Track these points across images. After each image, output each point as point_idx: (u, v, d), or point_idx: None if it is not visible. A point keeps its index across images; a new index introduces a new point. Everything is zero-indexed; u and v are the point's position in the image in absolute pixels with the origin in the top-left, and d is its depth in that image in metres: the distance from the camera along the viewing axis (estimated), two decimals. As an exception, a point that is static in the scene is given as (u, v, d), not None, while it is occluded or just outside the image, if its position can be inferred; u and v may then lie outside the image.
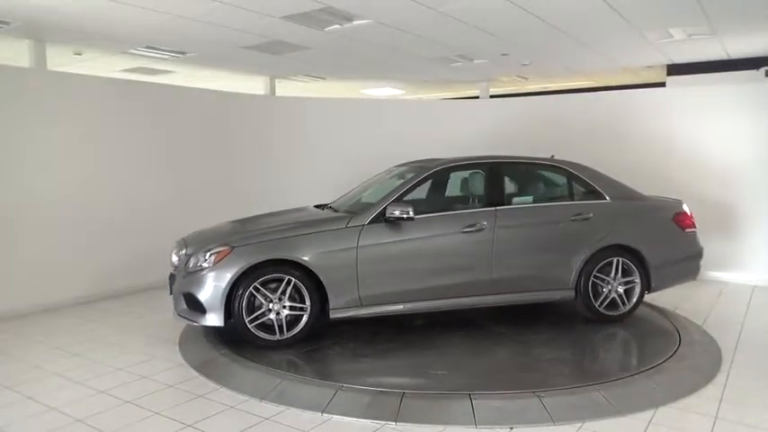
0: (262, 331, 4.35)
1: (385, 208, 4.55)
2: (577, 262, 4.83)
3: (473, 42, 7.01)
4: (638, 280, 4.96)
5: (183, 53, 7.55)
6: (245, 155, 7.98)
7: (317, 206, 5.38)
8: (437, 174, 5.06)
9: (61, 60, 7.69)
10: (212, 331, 4.81)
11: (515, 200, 5.10)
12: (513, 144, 6.92)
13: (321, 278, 4.38)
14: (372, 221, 4.55)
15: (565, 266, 4.84)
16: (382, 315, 4.61)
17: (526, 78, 10.22)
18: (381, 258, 4.52)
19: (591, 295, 4.87)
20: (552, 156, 5.46)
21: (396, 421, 3.32)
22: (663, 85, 9.43)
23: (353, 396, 3.58)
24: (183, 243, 4.81)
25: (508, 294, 4.81)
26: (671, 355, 4.16)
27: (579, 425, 3.27)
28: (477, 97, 10.79)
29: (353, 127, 8.58)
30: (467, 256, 4.71)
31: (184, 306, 4.49)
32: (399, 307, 4.59)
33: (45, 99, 5.92)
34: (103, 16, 5.65)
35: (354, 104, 9.26)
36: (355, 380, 3.80)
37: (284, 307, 4.37)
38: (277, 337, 4.37)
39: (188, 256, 4.55)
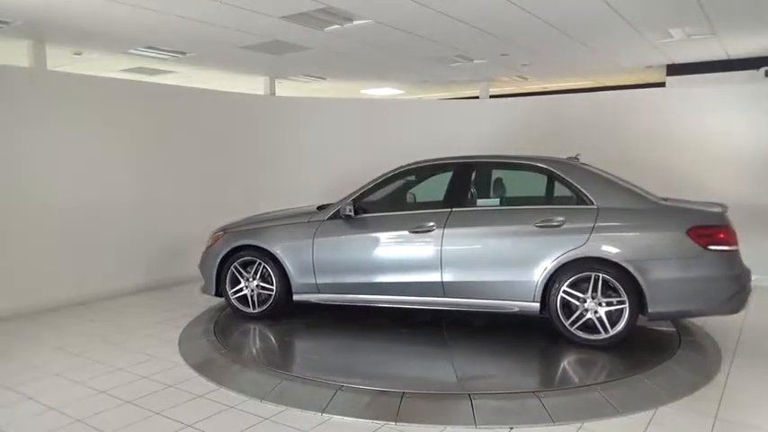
0: (240, 303, 5.23)
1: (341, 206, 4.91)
2: (541, 274, 4.30)
3: (473, 42, 7.02)
4: (626, 302, 4.16)
5: (183, 53, 7.55)
6: (245, 155, 7.97)
7: (320, 207, 5.42)
8: (403, 174, 5.06)
9: (61, 60, 7.69)
10: (212, 331, 4.89)
11: (480, 201, 4.88)
12: (515, 144, 6.91)
13: (284, 264, 5.00)
14: (331, 218, 4.95)
15: (524, 277, 4.36)
16: (339, 303, 5.01)
17: (526, 78, 10.22)
18: (334, 252, 4.90)
19: (560, 313, 4.30)
20: (578, 156, 5.10)
21: (396, 421, 3.31)
22: (663, 85, 9.43)
23: (353, 396, 3.58)
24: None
25: (459, 299, 4.59)
26: (671, 356, 4.16)
27: (579, 425, 3.27)
28: (477, 97, 10.79)
29: (354, 127, 8.57)
30: (414, 257, 4.66)
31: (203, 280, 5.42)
32: (351, 297, 4.90)
33: (45, 99, 5.91)
34: (103, 16, 5.65)
35: (354, 105, 9.25)
36: (263, 357, 4.47)
37: (256, 286, 5.13)
38: (251, 310, 5.19)
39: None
